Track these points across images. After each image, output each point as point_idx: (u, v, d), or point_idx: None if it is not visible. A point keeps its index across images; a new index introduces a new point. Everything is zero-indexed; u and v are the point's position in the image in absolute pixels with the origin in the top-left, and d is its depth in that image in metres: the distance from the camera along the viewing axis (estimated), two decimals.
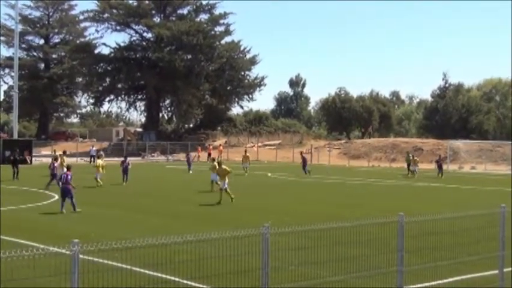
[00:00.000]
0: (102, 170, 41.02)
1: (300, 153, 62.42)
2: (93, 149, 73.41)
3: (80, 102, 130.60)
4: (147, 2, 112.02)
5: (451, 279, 15.15)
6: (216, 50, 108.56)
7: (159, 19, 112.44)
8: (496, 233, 14.42)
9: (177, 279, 13.57)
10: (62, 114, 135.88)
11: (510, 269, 14.73)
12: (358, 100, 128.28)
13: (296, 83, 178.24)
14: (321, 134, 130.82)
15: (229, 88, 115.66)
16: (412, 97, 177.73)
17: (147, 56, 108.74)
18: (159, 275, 13.56)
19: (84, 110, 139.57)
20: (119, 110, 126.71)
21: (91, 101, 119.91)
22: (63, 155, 44.37)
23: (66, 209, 27.08)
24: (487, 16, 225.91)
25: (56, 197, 33.39)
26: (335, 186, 46.72)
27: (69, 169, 28.46)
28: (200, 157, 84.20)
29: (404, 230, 13.20)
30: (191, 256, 12.24)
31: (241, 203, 33.08)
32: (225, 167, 32.96)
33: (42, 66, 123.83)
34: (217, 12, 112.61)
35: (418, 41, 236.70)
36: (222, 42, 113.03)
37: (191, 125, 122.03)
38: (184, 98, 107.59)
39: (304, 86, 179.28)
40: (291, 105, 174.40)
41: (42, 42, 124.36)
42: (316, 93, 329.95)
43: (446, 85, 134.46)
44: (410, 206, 31.60)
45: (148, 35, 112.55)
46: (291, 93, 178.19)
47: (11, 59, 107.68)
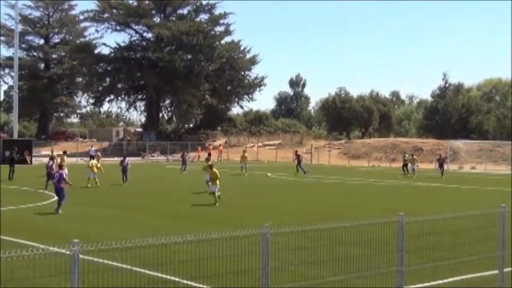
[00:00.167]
0: (97, 170, 40.89)
1: (295, 151, 62.48)
2: (92, 149, 73.31)
3: (80, 102, 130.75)
4: (147, 2, 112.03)
5: (451, 279, 15.16)
6: (216, 50, 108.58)
7: (159, 19, 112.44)
8: (496, 233, 14.42)
9: (177, 279, 13.57)
10: (62, 114, 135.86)
11: (510, 269, 14.74)
12: (358, 100, 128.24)
13: (296, 83, 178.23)
14: (321, 134, 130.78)
15: (229, 88, 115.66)
16: (412, 97, 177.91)
17: (147, 56, 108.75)
18: (159, 275, 13.56)
19: (84, 110, 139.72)
20: (119, 110, 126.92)
21: (91, 101, 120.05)
22: (64, 155, 44.37)
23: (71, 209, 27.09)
24: (487, 16, 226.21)
25: (56, 197, 33.41)
26: (335, 186, 46.73)
27: (61, 168, 28.48)
28: (200, 157, 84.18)
29: (404, 230, 13.20)
30: (191, 256, 12.24)
31: (240, 203, 33.12)
32: (215, 170, 32.34)
33: (42, 66, 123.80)
34: (217, 12, 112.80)
35: (418, 41, 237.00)
36: (222, 42, 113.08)
37: (191, 125, 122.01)
38: (184, 98, 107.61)
39: (304, 86, 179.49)
40: (291, 105, 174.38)
41: (42, 42, 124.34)
42: (316, 93, 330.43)
43: (446, 85, 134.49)
44: (410, 206, 31.61)
45: (149, 35, 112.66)
46: (291, 93, 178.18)
47: (11, 59, 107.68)
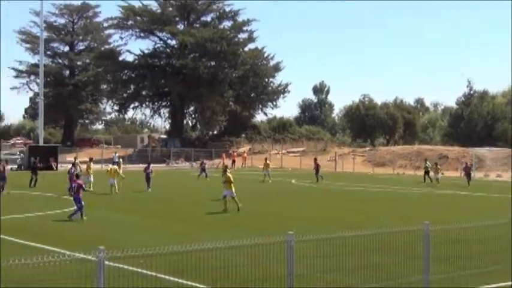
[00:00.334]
0: (116, 176, 41.11)
1: (314, 159, 62.41)
2: (116, 155, 73.72)
3: (105, 109, 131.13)
4: (171, 9, 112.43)
5: None
6: (239, 57, 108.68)
7: (183, 26, 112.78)
8: None
9: (202, 286, 13.56)
10: (87, 121, 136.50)
11: None
12: (382, 107, 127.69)
13: (320, 90, 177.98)
14: (345, 141, 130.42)
15: (253, 95, 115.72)
16: (436, 104, 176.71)
17: (171, 63, 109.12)
18: (184, 281, 13.57)
19: (108, 117, 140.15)
20: (144, 116, 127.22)
21: (116, 107, 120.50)
22: (90, 161, 44.41)
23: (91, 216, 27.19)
24: None
25: (82, 203, 33.53)
26: (359, 193, 46.50)
27: (78, 177, 28.69)
28: (224, 164, 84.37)
29: (430, 238, 13.13)
30: (216, 263, 12.24)
31: (263, 209, 33.07)
32: (229, 174, 32.13)
33: (67, 73, 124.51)
34: (240, 19, 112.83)
35: (443, 47, 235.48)
36: (246, 49, 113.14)
37: (215, 131, 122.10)
38: (208, 105, 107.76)
39: (328, 93, 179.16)
40: (315, 112, 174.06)
41: (67, 49, 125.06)
42: (340, 100, 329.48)
43: (471, 92, 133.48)
44: (437, 214, 31.34)
45: (172, 42, 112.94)
46: (315, 100, 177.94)
47: (36, 66, 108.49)
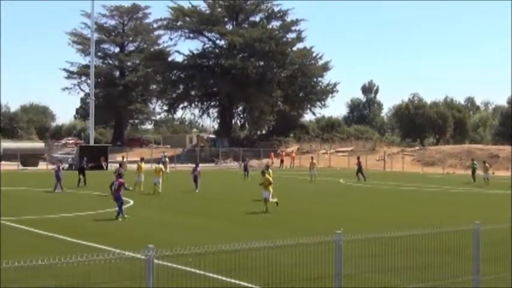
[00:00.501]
0: (162, 174, 41.43)
1: (357, 158, 62.16)
2: (164, 155, 74.29)
3: (154, 109, 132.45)
4: (220, 9, 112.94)
5: None
6: (288, 57, 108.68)
7: (232, 26, 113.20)
8: None
9: (250, 285, 13.60)
10: (136, 121, 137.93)
11: None
12: (432, 106, 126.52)
13: (369, 89, 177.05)
14: (394, 140, 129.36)
15: (301, 95, 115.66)
16: (487, 103, 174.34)
17: (220, 63, 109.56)
18: (233, 280, 13.63)
19: (158, 117, 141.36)
20: (192, 116, 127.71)
21: (165, 107, 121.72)
22: (141, 161, 44.69)
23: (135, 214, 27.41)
24: None
25: (132, 202, 33.92)
26: (408, 193, 46.12)
27: (120, 176, 28.78)
28: (274, 163, 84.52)
29: (480, 239, 12.98)
30: (263, 262, 12.26)
31: (311, 209, 33.03)
32: (267, 176, 31.95)
33: (118, 73, 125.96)
34: (289, 19, 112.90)
35: (493, 46, 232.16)
36: (294, 48, 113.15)
37: (264, 131, 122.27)
38: (256, 105, 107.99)
39: (377, 92, 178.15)
40: (363, 112, 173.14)
41: (117, 50, 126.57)
42: (389, 100, 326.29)
43: None
44: (487, 214, 30.92)
45: (221, 42, 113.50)
46: (364, 100, 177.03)
47: (87, 67, 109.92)
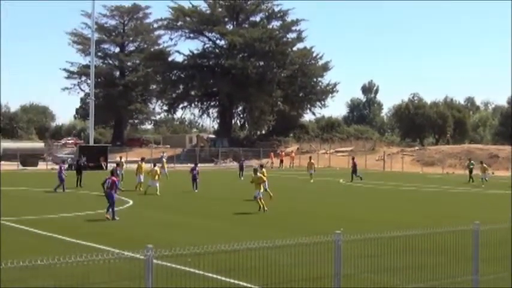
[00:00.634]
0: (157, 177, 40.41)
1: (352, 158, 62.17)
2: (164, 155, 74.42)
3: (154, 109, 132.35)
4: (220, 9, 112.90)
5: None
6: (288, 57, 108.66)
7: (232, 26, 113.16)
8: None
9: (249, 285, 13.61)
10: (136, 121, 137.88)
11: None
12: (432, 106, 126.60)
13: (369, 89, 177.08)
14: (393, 140, 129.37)
15: (301, 95, 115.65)
16: (487, 103, 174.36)
17: (220, 63, 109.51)
18: (232, 280, 13.64)
19: (158, 117, 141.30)
20: (192, 116, 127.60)
21: (165, 107, 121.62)
22: (142, 162, 44.60)
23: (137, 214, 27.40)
24: None
25: (131, 202, 33.95)
26: (408, 193, 46.14)
27: (112, 174, 28.07)
28: (274, 163, 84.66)
29: (479, 239, 12.99)
30: (263, 262, 12.26)
31: (311, 208, 33.05)
32: (260, 174, 31.84)
33: (118, 74, 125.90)
34: (289, 19, 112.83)
35: (493, 46, 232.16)
36: (294, 48, 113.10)
37: (263, 131, 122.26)
38: (256, 105, 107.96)
39: (377, 92, 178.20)
40: (363, 112, 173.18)
41: (117, 50, 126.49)
42: (389, 100, 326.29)
43: None
44: (486, 214, 30.94)
45: (221, 42, 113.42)
46: (364, 100, 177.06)
47: (87, 67, 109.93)
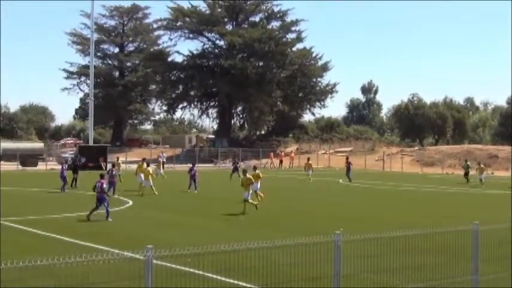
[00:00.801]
0: (150, 177, 40.44)
1: (346, 158, 62.09)
2: (163, 155, 74.48)
3: (154, 109, 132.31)
4: (220, 10, 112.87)
5: None
6: (287, 57, 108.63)
7: (232, 27, 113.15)
8: None
9: (249, 285, 13.62)
10: (136, 121, 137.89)
11: None
12: (431, 106, 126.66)
13: (368, 90, 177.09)
14: (393, 140, 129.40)
15: (301, 95, 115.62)
16: (486, 103, 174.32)
17: (220, 64, 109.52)
18: (231, 280, 13.65)
19: (157, 117, 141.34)
20: (192, 116, 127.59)
21: (164, 108, 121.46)
22: (142, 162, 44.38)
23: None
24: None
25: (131, 202, 33.97)
26: (407, 193, 46.15)
27: (102, 177, 27.84)
28: (273, 163, 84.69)
29: (479, 239, 12.99)
30: (262, 262, 12.26)
31: (311, 208, 33.05)
32: (249, 175, 31.61)
33: (117, 74, 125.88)
34: (289, 19, 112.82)
35: (493, 46, 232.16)
36: (294, 49, 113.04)
37: (263, 131, 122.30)
38: (256, 105, 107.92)
39: (376, 92, 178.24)
40: (363, 112, 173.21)
41: (117, 50, 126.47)
42: (388, 100, 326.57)
43: None
44: (486, 214, 30.94)
45: (221, 43, 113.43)
46: (363, 100, 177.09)
47: (86, 67, 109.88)
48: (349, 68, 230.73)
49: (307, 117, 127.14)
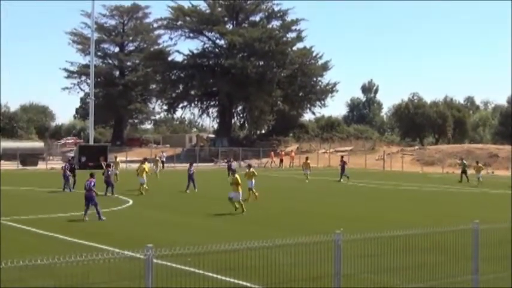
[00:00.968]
0: (145, 175, 40.48)
1: (341, 157, 62.04)
2: (164, 154, 74.51)
3: (154, 108, 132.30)
4: (220, 9, 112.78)
5: None
6: (288, 57, 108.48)
7: (232, 26, 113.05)
8: None
9: (249, 285, 13.62)
10: (136, 121, 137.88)
11: None
12: (431, 106, 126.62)
13: (369, 89, 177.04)
14: (393, 140, 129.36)
15: (301, 94, 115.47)
16: (487, 103, 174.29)
17: (220, 63, 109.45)
18: (231, 280, 13.65)
19: (158, 117, 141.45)
20: (192, 116, 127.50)
21: (164, 107, 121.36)
22: (143, 162, 44.32)
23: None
24: None
25: (131, 202, 33.95)
26: (408, 192, 46.13)
27: (92, 176, 27.66)
28: (274, 163, 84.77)
29: (479, 238, 12.99)
30: (262, 262, 12.26)
31: (311, 208, 33.04)
32: (237, 175, 31.21)
33: (117, 73, 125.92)
34: (289, 18, 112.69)
35: (493, 46, 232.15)
36: (294, 48, 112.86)
37: (263, 131, 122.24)
38: (256, 104, 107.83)
39: (376, 91, 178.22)
40: (363, 111, 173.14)
41: (117, 50, 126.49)
42: (389, 99, 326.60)
43: None
44: (486, 213, 30.94)
45: (221, 42, 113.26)
46: (364, 99, 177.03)
47: (87, 66, 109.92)
48: (349, 68, 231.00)
49: (308, 116, 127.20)
